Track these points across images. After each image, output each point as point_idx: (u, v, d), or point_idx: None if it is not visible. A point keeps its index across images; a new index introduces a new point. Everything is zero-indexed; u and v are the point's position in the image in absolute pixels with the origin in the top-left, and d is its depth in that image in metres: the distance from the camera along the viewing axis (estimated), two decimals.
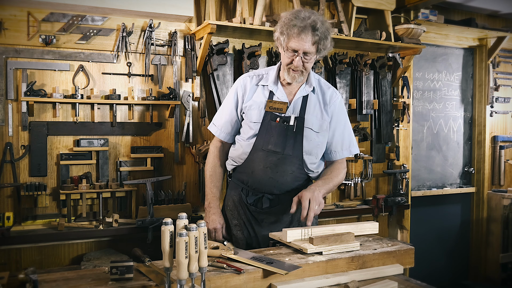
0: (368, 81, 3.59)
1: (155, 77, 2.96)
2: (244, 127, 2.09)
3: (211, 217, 2.11)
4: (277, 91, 2.04)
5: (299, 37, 1.87)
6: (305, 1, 3.38)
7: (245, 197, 2.11)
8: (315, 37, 1.87)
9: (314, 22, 1.87)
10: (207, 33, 2.77)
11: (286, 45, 1.92)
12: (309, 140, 2.03)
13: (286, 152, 2.00)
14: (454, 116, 4.30)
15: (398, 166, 3.81)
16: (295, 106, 2.04)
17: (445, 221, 4.26)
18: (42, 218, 2.70)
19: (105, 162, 2.84)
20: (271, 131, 2.00)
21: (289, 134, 2.00)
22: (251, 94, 2.07)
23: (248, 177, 2.07)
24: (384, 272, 1.70)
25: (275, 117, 2.00)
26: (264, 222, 2.08)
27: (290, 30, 1.87)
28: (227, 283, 1.45)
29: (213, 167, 2.18)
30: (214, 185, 2.15)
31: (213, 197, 2.13)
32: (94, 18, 2.79)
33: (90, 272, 1.49)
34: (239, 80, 2.14)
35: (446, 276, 4.29)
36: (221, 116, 2.16)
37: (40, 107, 2.71)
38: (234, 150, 2.14)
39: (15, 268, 2.57)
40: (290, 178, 2.05)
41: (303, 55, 1.91)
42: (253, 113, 2.04)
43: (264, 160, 2.01)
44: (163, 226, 1.27)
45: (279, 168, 2.02)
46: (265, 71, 2.13)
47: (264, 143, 2.01)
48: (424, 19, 3.76)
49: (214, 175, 2.16)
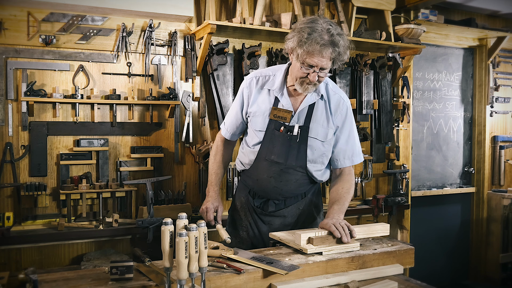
0: (368, 81, 3.59)
1: (155, 77, 2.96)
2: (250, 133, 2.08)
3: (206, 199, 2.15)
4: (283, 98, 1.98)
5: (320, 54, 1.78)
6: (305, 1, 3.38)
7: (252, 199, 2.12)
8: (334, 53, 1.80)
9: (334, 37, 1.78)
10: (207, 33, 2.77)
11: (303, 59, 1.82)
12: (314, 149, 1.99)
13: (289, 162, 1.98)
14: (454, 116, 4.30)
15: (398, 166, 3.81)
16: (300, 115, 1.98)
17: (445, 221, 4.26)
18: (42, 218, 2.70)
19: (105, 162, 2.84)
20: (274, 140, 1.97)
21: (293, 144, 1.96)
22: (255, 98, 2.04)
23: (254, 183, 2.09)
24: (384, 272, 1.69)
25: (279, 126, 1.97)
26: (269, 224, 2.09)
27: (310, 46, 1.77)
28: (227, 283, 1.45)
29: (215, 155, 2.22)
30: (214, 172, 2.20)
31: (211, 184, 2.18)
32: (94, 18, 2.79)
33: (90, 272, 1.49)
34: (245, 80, 2.10)
35: (446, 276, 4.29)
36: (229, 117, 2.18)
37: (40, 107, 2.71)
38: (242, 154, 2.14)
39: (15, 268, 2.57)
40: (294, 186, 2.04)
41: (319, 70, 1.84)
42: (257, 121, 2.01)
43: (267, 170, 2.00)
44: (163, 226, 1.27)
45: (282, 178, 2.00)
46: (272, 72, 2.06)
47: (267, 153, 1.99)
48: (424, 19, 3.76)
49: (215, 162, 2.21)
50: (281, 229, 2.04)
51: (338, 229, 1.75)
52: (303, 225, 2.09)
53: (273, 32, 3.00)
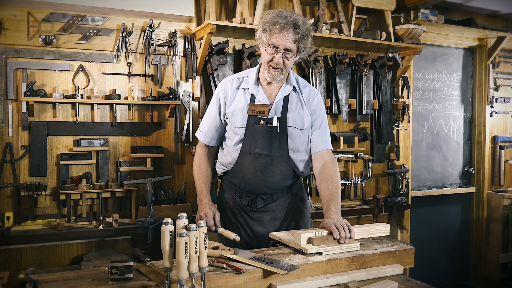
0: (368, 81, 3.59)
1: (155, 77, 2.96)
2: (229, 133, 2.12)
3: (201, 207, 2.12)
4: (258, 94, 2.07)
5: (281, 34, 1.89)
6: (305, 1, 3.38)
7: (239, 199, 2.15)
8: (296, 35, 1.90)
9: (295, 20, 1.90)
10: (207, 33, 2.77)
11: (267, 41, 1.93)
12: (294, 138, 2.07)
13: (273, 153, 2.04)
14: (454, 116, 4.30)
15: (398, 166, 3.81)
16: (277, 107, 2.06)
17: (445, 221, 4.26)
18: (42, 218, 2.70)
19: (105, 162, 2.84)
20: (256, 134, 2.04)
21: (274, 136, 2.04)
22: (232, 99, 2.10)
23: (240, 180, 2.11)
24: (384, 272, 1.69)
25: (259, 120, 2.04)
26: (260, 221, 2.13)
27: (272, 27, 1.90)
28: (227, 283, 1.45)
29: (199, 165, 2.21)
30: (202, 181, 2.17)
31: (201, 192, 2.15)
32: (94, 18, 2.79)
33: (90, 272, 1.49)
34: (220, 85, 2.17)
35: (446, 276, 4.29)
36: (205, 122, 2.20)
37: (40, 107, 2.71)
38: (223, 155, 2.17)
39: (15, 268, 2.57)
40: (280, 177, 2.09)
41: (284, 51, 1.93)
42: (236, 119, 2.07)
43: (253, 164, 2.05)
44: (163, 226, 1.27)
45: (268, 170, 2.06)
46: (245, 74, 2.15)
47: (251, 147, 2.05)
48: (424, 19, 3.76)
49: (200, 172, 2.19)
50: (271, 224, 2.11)
51: (339, 229, 1.78)
52: (292, 218, 2.15)
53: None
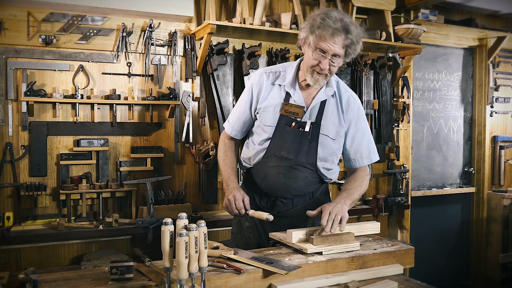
0: (368, 81, 3.59)
1: (155, 77, 2.96)
2: (257, 129, 2.02)
3: (228, 191, 1.99)
4: (295, 93, 1.96)
5: (332, 39, 1.78)
6: (305, 1, 3.38)
7: (259, 199, 2.07)
8: (347, 40, 1.80)
9: (347, 25, 1.79)
10: (207, 33, 2.77)
11: (315, 45, 1.81)
12: (325, 147, 1.96)
13: (299, 159, 1.94)
14: (454, 116, 4.30)
15: (398, 166, 3.81)
16: (312, 111, 1.96)
17: (445, 221, 4.26)
18: (42, 218, 2.70)
19: (105, 162, 2.84)
20: (285, 136, 1.94)
21: (304, 141, 1.93)
22: (266, 94, 2.00)
23: (261, 180, 2.03)
24: (384, 272, 1.69)
25: (290, 122, 1.93)
26: (276, 225, 2.00)
27: (323, 30, 1.78)
28: (227, 283, 1.45)
29: (224, 152, 2.12)
30: (228, 167, 2.07)
31: (228, 177, 2.04)
32: (94, 18, 2.79)
33: (90, 272, 1.49)
34: (255, 76, 2.05)
35: (446, 276, 4.29)
36: (235, 113, 2.10)
37: (40, 107, 2.71)
38: (247, 151, 2.08)
39: (15, 268, 2.57)
40: (303, 184, 2.00)
41: (331, 57, 1.82)
42: (267, 116, 1.97)
43: (276, 166, 1.96)
44: (163, 226, 1.27)
45: (291, 174, 1.96)
46: (282, 68, 2.03)
47: (277, 148, 1.95)
48: (424, 19, 3.76)
49: (226, 158, 2.10)
50: None
51: (329, 217, 1.74)
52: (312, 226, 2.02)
53: (273, 32, 3.00)
